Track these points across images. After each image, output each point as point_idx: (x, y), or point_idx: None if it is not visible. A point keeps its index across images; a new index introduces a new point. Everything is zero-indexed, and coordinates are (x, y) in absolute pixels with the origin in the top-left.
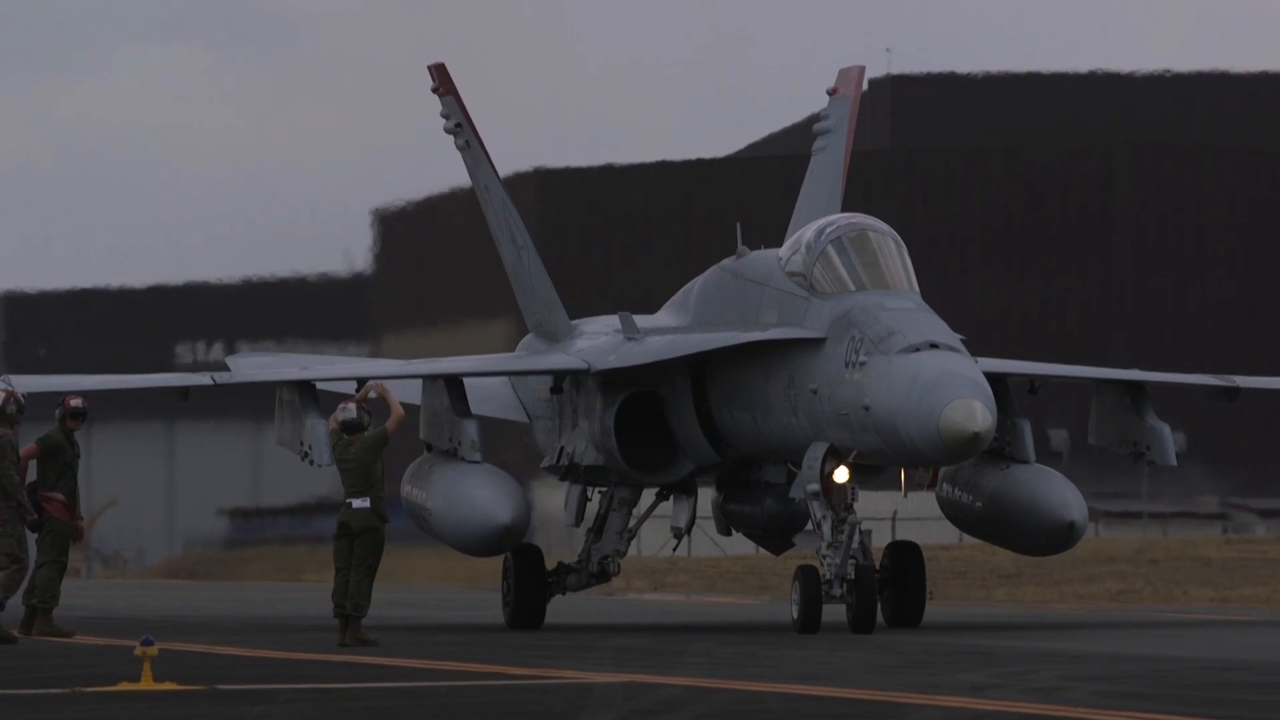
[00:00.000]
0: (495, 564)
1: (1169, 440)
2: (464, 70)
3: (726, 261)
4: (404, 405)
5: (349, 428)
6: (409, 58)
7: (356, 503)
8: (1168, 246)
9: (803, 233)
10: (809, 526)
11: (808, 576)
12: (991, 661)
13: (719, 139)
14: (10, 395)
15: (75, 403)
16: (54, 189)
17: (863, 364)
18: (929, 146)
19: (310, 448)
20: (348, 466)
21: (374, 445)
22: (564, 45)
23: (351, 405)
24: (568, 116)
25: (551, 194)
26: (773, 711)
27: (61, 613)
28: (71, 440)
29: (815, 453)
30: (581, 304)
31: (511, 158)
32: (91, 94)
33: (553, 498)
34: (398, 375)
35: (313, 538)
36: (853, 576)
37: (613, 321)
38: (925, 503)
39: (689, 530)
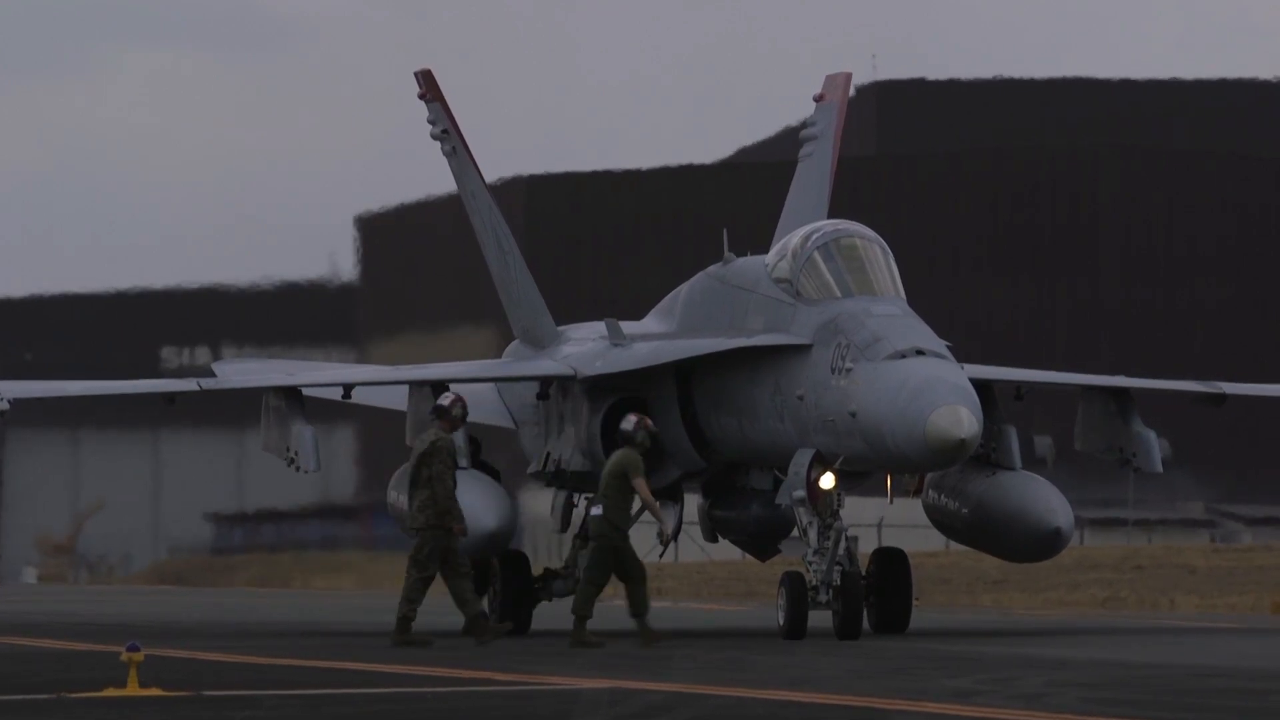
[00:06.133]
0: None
1: (1155, 447)
2: (451, 77)
3: (713, 268)
4: (391, 411)
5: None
6: (395, 64)
7: (595, 510)
8: (1154, 252)
9: (789, 239)
10: (795, 533)
11: (794, 583)
12: (977, 667)
13: (706, 145)
14: (459, 399)
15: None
16: (40, 193)
17: (849, 370)
18: (915, 152)
19: (296, 453)
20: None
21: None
22: (552, 52)
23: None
24: (555, 123)
25: (538, 200)
26: (758, 718)
27: (46, 619)
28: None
29: (801, 459)
30: (568, 310)
31: (498, 164)
32: (78, 100)
33: (539, 504)
34: (384, 381)
35: (298, 543)
36: (839, 583)
37: (599, 328)
38: (911, 509)
39: (675, 536)
